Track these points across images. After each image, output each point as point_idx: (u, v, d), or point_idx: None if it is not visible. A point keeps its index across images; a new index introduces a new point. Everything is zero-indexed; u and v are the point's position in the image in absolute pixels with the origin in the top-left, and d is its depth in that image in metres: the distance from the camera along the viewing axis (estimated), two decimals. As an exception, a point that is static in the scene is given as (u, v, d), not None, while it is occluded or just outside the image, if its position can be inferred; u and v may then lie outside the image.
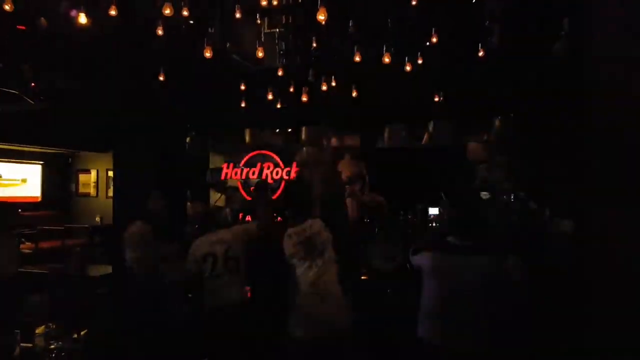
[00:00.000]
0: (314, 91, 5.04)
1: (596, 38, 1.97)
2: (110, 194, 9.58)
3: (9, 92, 4.74)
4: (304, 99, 5.02)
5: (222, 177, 7.56)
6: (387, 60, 3.92)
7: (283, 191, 3.03)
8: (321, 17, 3.11)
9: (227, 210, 6.57)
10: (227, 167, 7.58)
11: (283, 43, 5.02)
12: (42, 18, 3.40)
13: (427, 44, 4.29)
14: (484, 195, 4.78)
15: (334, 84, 4.87)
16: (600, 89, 1.96)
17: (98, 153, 9.71)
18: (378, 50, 4.04)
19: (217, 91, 5.79)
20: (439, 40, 3.87)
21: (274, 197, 6.91)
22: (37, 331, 3.26)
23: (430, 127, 6.50)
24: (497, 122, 6.21)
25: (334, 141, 7.09)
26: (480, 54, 4.20)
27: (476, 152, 6.36)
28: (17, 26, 3.62)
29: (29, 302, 5.42)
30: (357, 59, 4.01)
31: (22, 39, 3.76)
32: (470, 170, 6.32)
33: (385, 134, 6.70)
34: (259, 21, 4.29)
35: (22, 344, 3.05)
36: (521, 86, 4.26)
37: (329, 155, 6.08)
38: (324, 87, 4.78)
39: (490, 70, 4.78)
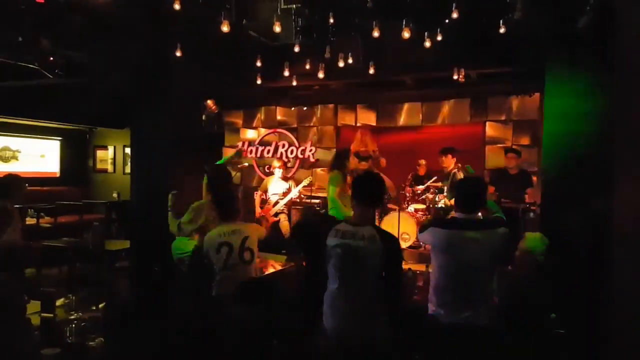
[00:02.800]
0: (330, 68, 4.97)
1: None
2: (127, 170, 9.71)
3: (27, 66, 4.77)
4: (321, 75, 4.96)
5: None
6: (406, 35, 3.83)
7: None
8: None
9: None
10: (242, 145, 7.60)
11: (300, 19, 4.94)
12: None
13: (447, 20, 4.19)
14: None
15: (350, 60, 4.78)
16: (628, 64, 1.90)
17: (115, 129, 9.79)
18: (398, 25, 3.96)
19: (233, 68, 5.75)
20: (459, 16, 3.77)
21: (290, 175, 6.93)
22: (57, 302, 3.36)
23: (449, 106, 6.41)
24: (516, 102, 6.10)
25: (348, 119, 7.04)
26: (502, 30, 4.08)
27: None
28: (36, 0, 3.62)
29: (48, 275, 5.59)
30: (376, 34, 3.93)
31: (40, 13, 3.76)
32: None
33: (403, 113, 6.62)
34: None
35: (43, 314, 3.15)
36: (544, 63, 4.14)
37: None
38: (341, 64, 4.70)
39: (512, 47, 4.66)
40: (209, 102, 7.08)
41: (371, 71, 4.98)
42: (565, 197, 3.94)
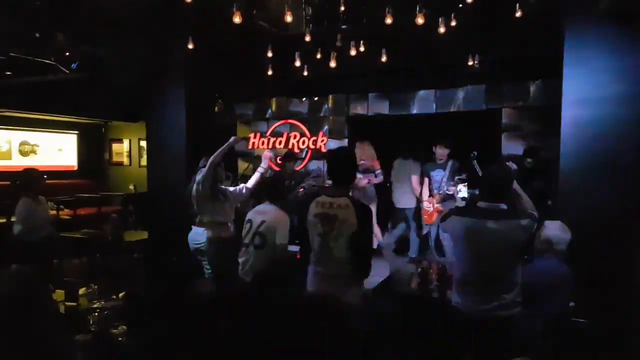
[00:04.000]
0: (342, 57, 4.95)
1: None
2: (143, 162, 9.83)
3: (44, 62, 4.85)
4: (332, 64, 4.93)
5: (250, 146, 7.64)
6: (420, 21, 3.79)
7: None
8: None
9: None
10: (254, 137, 7.63)
11: (310, 8, 4.91)
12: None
13: (461, 5, 4.13)
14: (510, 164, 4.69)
15: (362, 49, 4.75)
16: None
17: (130, 123, 9.90)
18: (411, 11, 3.91)
19: (243, 59, 5.76)
20: (474, 1, 3.71)
21: (300, 167, 6.95)
22: (80, 291, 3.44)
23: (464, 93, 6.33)
24: (534, 87, 6.00)
25: (360, 108, 7.01)
26: (518, 14, 4.00)
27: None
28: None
29: (69, 265, 5.73)
30: (389, 21, 3.89)
31: (57, 8, 3.81)
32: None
33: (416, 100, 6.56)
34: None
35: (66, 303, 3.23)
36: (559, 48, 4.06)
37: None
38: (353, 52, 4.67)
39: (526, 32, 4.57)
40: (220, 95, 7.13)
41: (383, 59, 4.94)
42: (585, 185, 3.88)
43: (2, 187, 7.39)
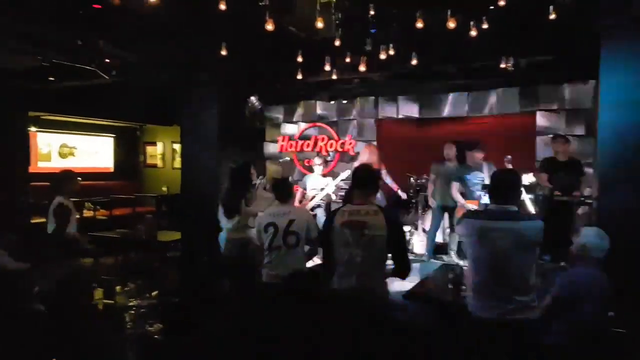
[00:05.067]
0: (371, 60, 4.95)
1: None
2: (175, 165, 10.08)
3: (85, 68, 5.06)
4: (362, 68, 4.95)
5: (278, 149, 7.73)
6: (451, 25, 3.76)
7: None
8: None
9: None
10: (283, 140, 7.71)
11: (339, 13, 4.94)
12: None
13: (492, 7, 4.07)
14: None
15: (392, 52, 4.74)
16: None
17: (163, 126, 10.17)
18: (442, 15, 3.88)
19: (273, 63, 5.84)
20: (506, 2, 3.65)
21: (329, 169, 6.97)
22: (116, 289, 3.57)
23: (497, 95, 6.23)
24: (569, 90, 5.86)
25: (389, 111, 6.99)
26: (552, 16, 3.92)
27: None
28: (93, 5, 3.83)
29: (104, 264, 5.93)
30: (420, 25, 3.88)
31: (97, 17, 3.98)
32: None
33: (447, 103, 6.50)
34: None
35: (104, 300, 3.36)
36: (596, 50, 3.94)
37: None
38: (383, 56, 4.67)
39: (562, 33, 4.46)
40: (252, 98, 7.24)
41: (414, 62, 4.92)
42: (623, 189, 3.75)
43: (42, 188, 7.73)
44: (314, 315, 2.07)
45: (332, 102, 7.39)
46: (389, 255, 2.67)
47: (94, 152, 10.11)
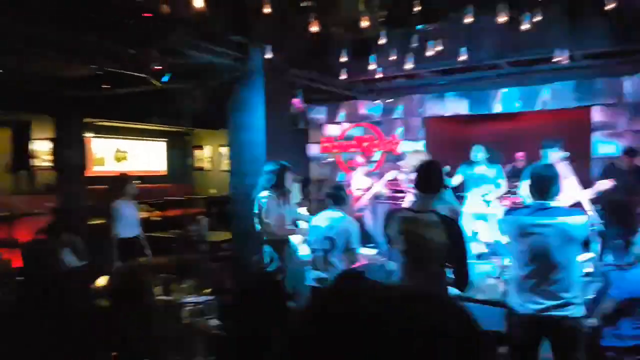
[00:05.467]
0: (418, 57, 4.89)
1: None
2: (223, 167, 10.36)
3: (137, 75, 5.29)
4: (408, 66, 4.89)
5: (321, 150, 7.76)
6: (502, 19, 3.65)
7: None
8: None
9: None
10: (326, 141, 7.73)
11: (384, 11, 4.92)
12: (165, 5, 3.72)
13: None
14: None
15: (439, 47, 4.66)
16: None
17: (210, 130, 10.47)
18: (490, 6, 3.78)
19: (317, 63, 5.87)
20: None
21: (374, 169, 6.93)
22: (172, 287, 3.71)
23: (551, 90, 5.98)
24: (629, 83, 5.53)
25: (436, 109, 6.86)
26: (609, 6, 3.71)
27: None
28: (143, 14, 4.01)
29: (159, 263, 6.18)
30: (468, 20, 3.79)
31: (148, 26, 4.16)
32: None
33: (498, 99, 6.30)
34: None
35: (162, 297, 3.50)
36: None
37: None
38: (430, 52, 4.60)
39: (620, 24, 4.23)
40: (296, 100, 7.31)
41: (463, 57, 4.81)
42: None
43: (97, 191, 8.16)
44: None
45: (377, 101, 7.34)
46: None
47: (147, 156, 10.55)
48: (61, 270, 3.86)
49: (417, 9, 4.19)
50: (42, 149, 9.33)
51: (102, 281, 3.55)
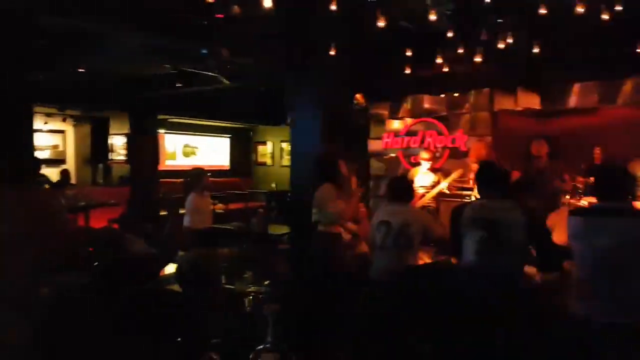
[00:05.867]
0: (486, 50, 4.69)
1: None
2: (284, 163, 10.56)
3: (208, 74, 5.54)
4: (477, 59, 4.71)
5: (383, 146, 7.66)
6: (580, 10, 3.41)
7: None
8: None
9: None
10: (388, 137, 7.62)
11: (451, 3, 4.77)
12: (236, 6, 3.85)
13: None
14: None
15: (510, 40, 4.44)
16: None
17: (273, 126, 10.72)
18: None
19: (380, 59, 5.80)
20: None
21: (438, 165, 6.75)
22: (234, 277, 3.85)
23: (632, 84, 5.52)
24: None
25: (507, 103, 6.54)
26: None
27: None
28: (216, 15, 4.17)
29: (223, 253, 6.42)
30: (543, 11, 3.58)
31: (220, 26, 4.33)
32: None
33: (574, 93, 5.90)
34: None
35: (226, 286, 3.64)
36: None
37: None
38: (501, 45, 4.40)
39: None
40: (358, 95, 7.28)
41: (535, 50, 4.56)
42: None
43: (168, 183, 8.62)
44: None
45: (442, 96, 7.12)
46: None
47: (213, 151, 11.00)
48: (132, 257, 4.11)
49: (486, 1, 4.03)
50: (118, 143, 10.01)
51: (171, 269, 3.75)
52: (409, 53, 4.99)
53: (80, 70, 6.28)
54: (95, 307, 2.43)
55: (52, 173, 8.68)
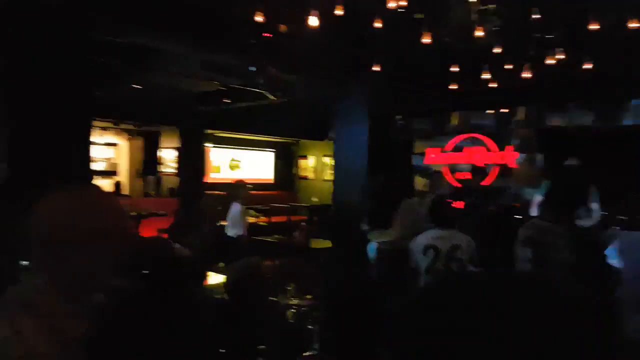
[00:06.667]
0: (535, 66, 4.59)
1: None
2: (326, 177, 10.64)
3: (255, 90, 5.72)
4: (526, 75, 4.62)
5: (427, 162, 7.59)
6: (634, 25, 3.30)
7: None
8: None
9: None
10: (433, 152, 7.55)
11: (498, 19, 4.72)
12: (283, 25, 3.98)
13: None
14: None
15: (560, 56, 4.33)
16: None
17: (315, 141, 10.84)
18: (619, 15, 3.44)
19: (425, 73, 5.79)
20: None
21: (486, 182, 6.60)
22: (276, 289, 3.91)
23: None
24: None
25: (558, 120, 6.35)
26: None
27: None
28: (263, 34, 4.32)
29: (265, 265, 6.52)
30: (594, 27, 3.48)
31: (267, 45, 4.48)
32: None
33: (629, 110, 5.66)
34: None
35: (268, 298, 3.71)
36: None
37: None
38: (550, 61, 4.29)
39: None
40: (401, 111, 7.28)
41: (587, 66, 4.42)
42: None
43: (213, 196, 8.86)
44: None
45: (490, 112, 7.00)
46: None
47: (257, 165, 11.25)
48: (178, 265, 4.27)
49: (535, 16, 3.96)
50: (168, 156, 10.43)
51: (214, 278, 3.87)
52: (454, 69, 4.95)
53: (136, 86, 6.64)
54: (143, 314, 2.53)
55: (105, 184, 9.16)
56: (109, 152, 10.36)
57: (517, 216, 4.96)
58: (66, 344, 1.00)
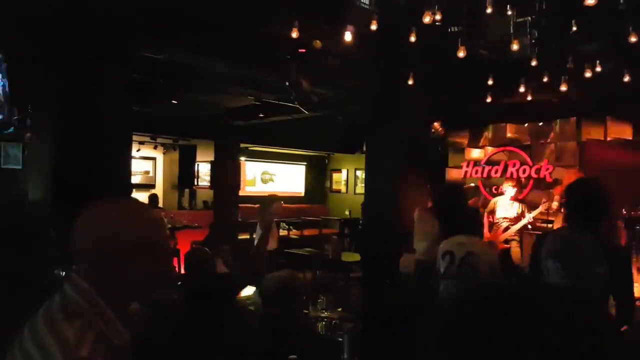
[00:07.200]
0: (573, 79, 4.50)
1: None
2: (358, 190, 10.64)
3: (288, 105, 5.83)
4: (563, 88, 4.53)
5: (462, 175, 7.46)
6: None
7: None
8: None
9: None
10: (467, 166, 7.42)
11: (535, 32, 4.66)
12: (317, 41, 4.06)
13: None
14: None
15: (599, 69, 4.23)
16: None
17: (347, 154, 10.88)
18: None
19: (461, 87, 5.75)
20: None
21: (522, 196, 6.44)
22: (308, 302, 3.93)
23: None
24: None
25: (595, 133, 6.16)
26: None
27: None
28: (299, 50, 4.42)
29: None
30: (633, 39, 3.40)
31: (302, 60, 4.58)
32: None
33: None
34: (509, 12, 4.07)
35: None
36: None
37: None
38: (588, 74, 4.20)
39: None
40: (436, 123, 7.22)
41: (626, 79, 4.30)
42: None
43: (247, 209, 9.01)
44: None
45: (525, 125, 6.86)
46: None
47: (289, 178, 11.37)
48: (216, 278, 4.35)
49: (573, 29, 3.90)
50: (203, 170, 10.69)
51: (248, 290, 3.93)
52: (490, 82, 4.91)
53: (173, 102, 6.89)
54: (181, 324, 2.60)
55: (142, 197, 9.47)
56: (146, 165, 10.72)
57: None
58: (112, 352, 1.02)
